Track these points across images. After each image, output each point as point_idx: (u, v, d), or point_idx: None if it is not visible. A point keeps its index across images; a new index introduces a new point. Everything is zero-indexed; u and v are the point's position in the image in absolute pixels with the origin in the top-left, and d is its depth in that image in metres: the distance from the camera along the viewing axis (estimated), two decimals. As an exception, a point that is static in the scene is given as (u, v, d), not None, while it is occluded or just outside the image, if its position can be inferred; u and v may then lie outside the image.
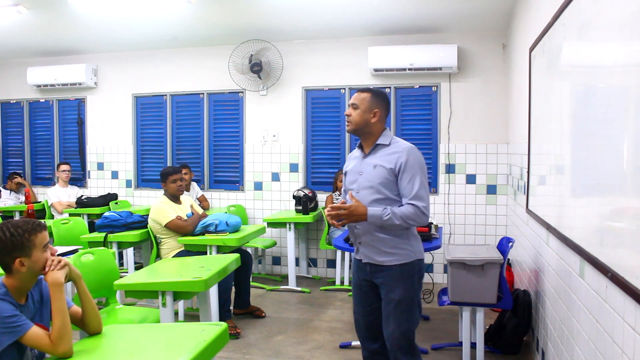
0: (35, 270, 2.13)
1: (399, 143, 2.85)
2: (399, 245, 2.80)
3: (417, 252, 2.84)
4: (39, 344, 2.03)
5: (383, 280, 2.83)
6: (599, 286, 2.15)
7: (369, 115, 2.85)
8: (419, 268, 2.86)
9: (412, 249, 2.82)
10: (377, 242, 2.82)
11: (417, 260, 2.84)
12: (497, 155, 5.93)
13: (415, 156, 2.78)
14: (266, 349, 4.22)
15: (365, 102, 2.87)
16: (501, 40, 5.90)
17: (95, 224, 5.12)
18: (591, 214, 2.33)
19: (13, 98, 7.72)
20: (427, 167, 2.91)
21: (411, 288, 2.81)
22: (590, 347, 2.25)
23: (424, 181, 2.75)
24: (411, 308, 2.81)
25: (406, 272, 2.80)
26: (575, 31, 2.60)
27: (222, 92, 6.88)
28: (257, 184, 6.76)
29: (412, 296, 2.81)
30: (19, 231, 2.09)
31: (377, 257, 2.83)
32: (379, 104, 2.88)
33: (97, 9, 5.32)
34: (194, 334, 2.28)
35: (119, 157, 7.31)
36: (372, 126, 2.86)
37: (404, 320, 2.79)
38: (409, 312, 2.80)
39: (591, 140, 2.36)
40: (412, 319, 2.82)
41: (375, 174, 2.81)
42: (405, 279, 2.80)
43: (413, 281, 2.82)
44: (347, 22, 5.80)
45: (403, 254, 2.80)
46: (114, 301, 3.70)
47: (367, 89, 2.93)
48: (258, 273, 6.58)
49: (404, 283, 2.79)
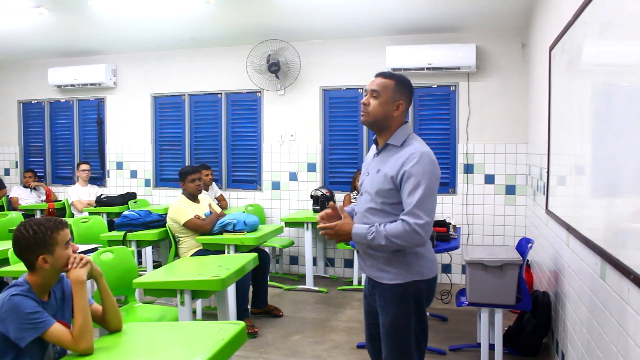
0: (58, 267, 2.15)
1: (411, 146, 2.38)
2: (392, 263, 2.40)
3: (414, 272, 2.39)
4: (61, 341, 2.06)
5: (378, 299, 2.49)
6: (621, 288, 2.12)
7: (391, 108, 2.42)
8: (417, 291, 2.40)
9: (407, 267, 2.39)
10: (371, 255, 2.47)
11: (414, 281, 2.39)
12: (516, 155, 5.88)
13: (423, 163, 2.30)
14: (283, 348, 4.22)
15: (389, 90, 2.41)
16: (520, 39, 5.85)
17: (115, 223, 5.17)
18: (612, 214, 2.30)
19: (34, 98, 7.83)
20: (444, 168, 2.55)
21: (404, 314, 2.40)
22: (612, 350, 2.22)
23: (427, 194, 2.27)
24: (405, 337, 2.41)
25: (398, 294, 2.40)
26: (597, 29, 2.57)
27: (240, 92, 6.90)
28: (274, 183, 6.78)
29: (405, 324, 2.40)
30: (42, 229, 2.12)
31: (372, 271, 2.49)
32: (404, 94, 2.44)
33: (117, 10, 5.38)
34: (213, 332, 2.28)
35: (137, 157, 7.37)
36: (393, 120, 2.44)
37: (395, 348, 2.42)
38: (402, 340, 2.41)
39: (612, 140, 2.32)
40: (407, 350, 2.42)
41: (376, 179, 2.43)
42: (397, 302, 2.40)
43: (407, 306, 2.39)
44: (365, 21, 5.79)
45: (395, 273, 2.40)
46: (133, 299, 3.73)
47: (390, 74, 2.46)
48: (275, 272, 6.59)
49: (395, 307, 2.41)
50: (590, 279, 2.65)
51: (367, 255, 2.49)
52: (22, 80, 7.85)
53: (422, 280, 2.41)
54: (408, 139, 2.44)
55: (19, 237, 2.13)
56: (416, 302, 2.41)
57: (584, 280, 2.80)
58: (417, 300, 2.42)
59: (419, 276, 2.40)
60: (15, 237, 2.15)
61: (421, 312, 2.45)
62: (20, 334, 1.98)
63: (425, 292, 2.45)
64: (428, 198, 2.28)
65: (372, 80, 2.46)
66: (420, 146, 2.38)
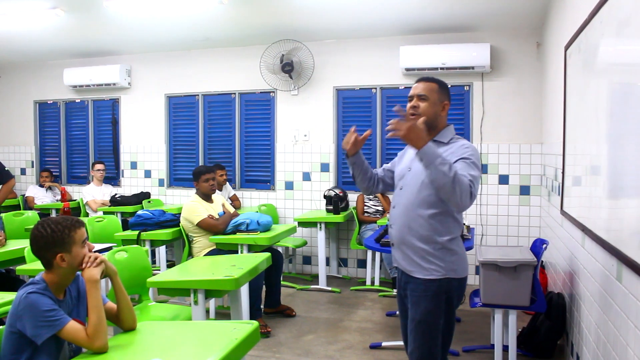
0: (75, 265, 2.17)
1: (461, 141, 2.55)
2: (429, 257, 2.49)
3: (449, 269, 2.49)
4: (76, 339, 2.07)
5: (409, 294, 2.57)
6: (638, 290, 2.09)
7: (439, 108, 2.58)
8: (449, 288, 2.50)
9: (443, 264, 2.48)
10: (407, 247, 2.55)
11: (447, 279, 2.48)
12: (530, 155, 5.84)
13: (474, 155, 2.46)
14: (296, 348, 4.23)
15: (435, 92, 2.57)
16: (535, 38, 5.81)
17: (129, 222, 5.20)
18: (629, 215, 2.27)
19: (50, 98, 7.90)
20: None
21: (435, 309, 2.49)
22: (629, 352, 2.20)
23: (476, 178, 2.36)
24: (433, 332, 2.49)
25: (432, 289, 2.48)
26: (614, 28, 2.54)
27: (254, 92, 6.92)
28: (288, 183, 6.78)
29: (435, 319, 2.49)
30: (60, 227, 2.15)
31: (406, 264, 2.57)
32: (446, 96, 2.62)
33: (131, 11, 5.41)
34: (226, 332, 2.29)
35: (151, 157, 7.42)
36: (441, 120, 2.60)
37: (423, 343, 2.49)
38: (429, 335, 2.49)
39: (629, 140, 2.30)
40: (433, 345, 2.50)
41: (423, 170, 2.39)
42: (429, 297, 2.48)
43: (439, 302, 2.49)
44: (379, 21, 5.78)
45: (430, 269, 2.49)
46: (147, 298, 3.75)
47: (431, 78, 2.63)
48: (289, 272, 6.60)
49: (427, 302, 2.49)
50: (606, 281, 2.63)
51: (400, 249, 2.59)
52: (38, 80, 7.93)
53: (455, 278, 2.51)
54: (454, 137, 2.61)
55: (37, 235, 2.16)
56: (447, 300, 2.51)
57: (600, 281, 2.77)
58: (449, 298, 2.51)
59: (452, 274, 2.50)
60: (33, 236, 2.17)
61: (451, 310, 2.54)
62: (36, 332, 2.00)
63: (457, 290, 2.54)
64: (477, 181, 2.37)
65: (416, 86, 2.61)
66: (468, 142, 2.57)
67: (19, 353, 2.04)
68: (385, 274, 6.08)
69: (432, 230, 2.50)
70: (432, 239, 2.50)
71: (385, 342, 4.22)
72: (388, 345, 4.20)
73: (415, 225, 2.52)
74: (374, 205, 6.17)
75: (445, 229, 2.51)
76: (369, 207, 6.18)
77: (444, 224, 2.51)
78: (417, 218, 2.52)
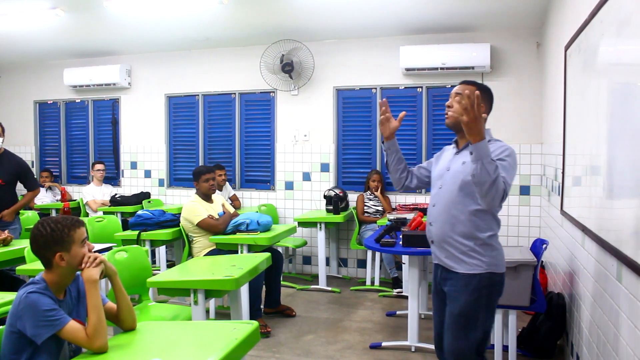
0: (74, 265, 2.17)
1: (498, 143, 2.59)
2: (470, 252, 2.57)
3: (490, 264, 2.56)
4: (76, 338, 2.07)
5: (448, 289, 2.64)
6: (637, 290, 2.09)
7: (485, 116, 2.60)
8: (490, 283, 2.56)
9: (484, 259, 2.56)
10: (449, 244, 2.63)
11: (489, 273, 2.55)
12: (530, 155, 5.84)
13: (510, 155, 2.52)
14: (296, 348, 4.23)
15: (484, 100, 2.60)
16: (535, 38, 5.81)
17: (129, 222, 5.20)
18: (629, 216, 2.27)
19: (50, 98, 7.90)
20: None
21: (475, 303, 2.55)
22: (629, 352, 2.20)
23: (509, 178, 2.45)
24: (472, 325, 2.56)
25: (472, 284, 2.55)
26: (614, 28, 2.54)
27: (254, 92, 6.92)
28: (288, 183, 6.78)
29: (474, 313, 2.56)
30: (59, 226, 2.15)
31: (446, 260, 2.65)
32: (485, 100, 2.63)
33: (131, 11, 5.42)
34: (226, 332, 2.29)
35: (151, 157, 7.42)
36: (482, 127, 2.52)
37: (461, 336, 2.57)
38: (468, 329, 2.56)
39: (629, 140, 2.30)
40: (471, 338, 2.56)
41: (463, 169, 2.57)
42: (470, 291, 2.55)
43: (479, 296, 2.55)
44: (379, 21, 5.78)
45: (472, 263, 2.56)
46: (147, 298, 3.75)
47: (473, 82, 2.70)
48: (288, 272, 6.60)
49: (467, 296, 2.55)
50: (606, 281, 2.63)
51: (441, 245, 2.67)
52: (38, 80, 7.93)
53: (495, 273, 2.58)
54: (492, 140, 2.64)
55: (37, 234, 2.16)
56: (488, 294, 2.57)
57: (600, 281, 2.77)
58: (489, 293, 2.57)
59: (493, 268, 2.57)
60: (33, 235, 2.17)
61: (491, 305, 2.60)
62: (36, 331, 2.00)
63: (498, 285, 2.61)
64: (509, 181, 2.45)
65: (457, 86, 2.70)
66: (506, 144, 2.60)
67: (19, 353, 2.04)
68: (385, 274, 6.08)
69: (474, 227, 2.59)
70: (474, 235, 2.58)
71: (385, 342, 4.22)
72: (388, 345, 4.20)
73: (457, 222, 2.61)
74: (374, 205, 6.17)
75: (486, 226, 2.60)
76: (369, 207, 6.18)
77: (485, 220, 2.60)
78: (458, 215, 2.61)
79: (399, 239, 4.07)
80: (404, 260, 5.42)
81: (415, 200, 6.26)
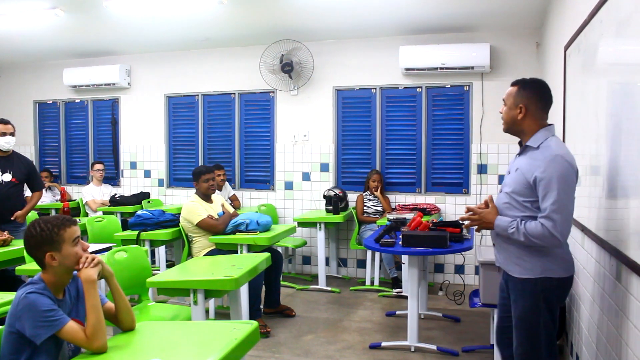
0: (67, 264, 2.17)
1: (547, 149, 2.49)
2: (524, 257, 2.54)
3: (545, 268, 2.50)
4: (75, 339, 2.07)
5: (510, 292, 2.65)
6: (637, 290, 2.09)
7: (514, 112, 2.61)
8: (546, 287, 2.50)
9: (539, 264, 2.51)
10: (505, 249, 2.64)
11: (544, 278, 2.50)
12: (530, 155, 5.83)
13: (554, 168, 2.42)
14: (296, 348, 4.23)
15: (511, 97, 2.64)
16: (535, 38, 5.81)
17: (128, 222, 5.20)
18: (629, 216, 2.27)
19: (50, 98, 7.90)
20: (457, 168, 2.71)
21: (533, 308, 2.52)
22: (628, 352, 2.20)
23: (561, 198, 2.39)
24: (534, 330, 2.53)
25: (528, 288, 2.53)
26: (614, 28, 2.54)
27: (253, 92, 6.92)
28: (287, 183, 6.78)
29: (535, 318, 2.52)
30: (49, 226, 2.15)
31: (506, 264, 2.65)
32: (527, 97, 2.59)
33: (131, 11, 5.41)
34: (225, 332, 2.29)
35: (151, 157, 7.42)
36: (522, 124, 2.61)
37: (524, 340, 2.56)
38: (530, 333, 2.53)
39: (629, 140, 2.30)
40: (536, 344, 2.53)
41: (514, 177, 2.59)
42: (526, 296, 2.54)
43: (536, 301, 2.51)
44: (378, 21, 5.78)
45: (526, 267, 2.54)
46: (147, 298, 3.75)
47: (516, 81, 2.69)
48: (288, 272, 6.60)
49: (524, 301, 2.55)
50: (605, 281, 2.63)
51: (502, 248, 2.66)
52: (37, 80, 7.93)
53: (552, 277, 2.51)
54: (547, 140, 2.55)
55: (28, 235, 2.17)
56: (545, 299, 2.51)
57: (599, 281, 2.77)
58: (546, 297, 2.52)
59: (549, 273, 2.50)
60: (25, 235, 2.19)
61: (551, 308, 2.53)
62: (35, 332, 2.00)
63: (556, 290, 2.54)
64: (562, 201, 2.41)
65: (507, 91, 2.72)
66: (555, 149, 2.49)
67: (18, 353, 2.04)
68: (385, 274, 6.07)
69: None
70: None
71: (385, 342, 4.22)
72: (387, 345, 4.20)
73: None
74: (374, 205, 6.17)
75: None
76: (368, 207, 6.18)
77: None
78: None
79: (399, 239, 4.07)
80: (404, 260, 5.42)
81: (415, 200, 6.26)
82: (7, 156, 4.90)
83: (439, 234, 3.94)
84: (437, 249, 3.88)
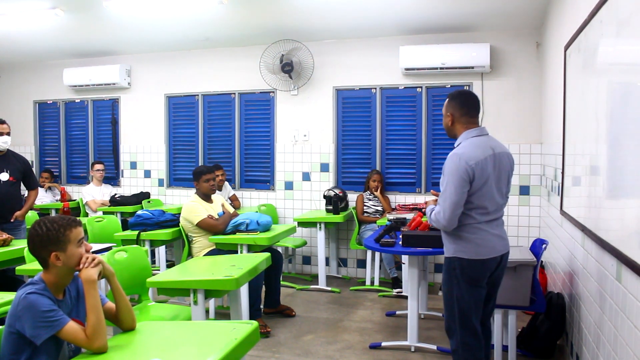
0: (71, 265, 2.17)
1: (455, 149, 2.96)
2: (445, 240, 3.03)
3: (457, 249, 2.95)
4: (75, 339, 2.07)
5: None
6: (637, 290, 2.09)
7: (446, 120, 3.09)
8: (457, 266, 2.94)
9: (452, 245, 2.98)
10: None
11: (455, 257, 2.95)
12: (530, 155, 5.84)
13: (447, 165, 2.90)
14: (296, 348, 4.23)
15: (444, 108, 3.11)
16: (535, 38, 5.81)
17: (129, 222, 5.20)
18: (629, 216, 2.27)
19: (50, 98, 7.90)
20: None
21: (447, 281, 3.00)
22: (628, 352, 2.20)
23: (448, 189, 2.86)
24: (449, 301, 2.99)
25: (445, 265, 3.03)
26: (614, 28, 2.54)
27: (253, 92, 6.92)
28: (287, 183, 6.78)
29: (449, 290, 2.99)
30: (55, 226, 2.15)
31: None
32: (452, 107, 3.05)
33: (131, 11, 5.41)
34: (225, 332, 2.29)
35: (151, 157, 7.42)
36: (453, 129, 3.09)
37: (445, 309, 3.05)
38: (446, 303, 3.02)
39: (629, 140, 2.30)
40: (450, 313, 2.98)
41: None
42: (444, 271, 3.04)
43: (450, 277, 2.98)
44: (378, 21, 5.78)
45: (447, 248, 3.01)
46: (147, 298, 3.75)
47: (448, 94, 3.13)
48: (288, 272, 6.60)
49: (443, 274, 3.05)
50: (605, 281, 2.63)
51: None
52: (37, 80, 7.93)
53: (462, 258, 2.93)
54: (463, 142, 2.99)
55: (33, 234, 2.16)
56: (457, 275, 2.94)
57: (600, 281, 2.77)
58: (458, 274, 2.94)
59: (460, 254, 2.94)
60: (30, 235, 2.18)
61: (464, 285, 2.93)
62: (35, 332, 2.00)
63: (467, 268, 2.92)
64: (448, 192, 2.87)
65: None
66: (458, 148, 2.96)
67: (18, 353, 2.04)
68: (385, 274, 6.08)
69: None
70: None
71: (385, 342, 4.22)
72: (388, 345, 4.20)
73: None
74: (374, 205, 6.17)
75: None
76: (368, 207, 6.18)
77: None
78: None
79: (399, 239, 4.07)
80: (404, 260, 5.42)
81: (415, 200, 6.26)
82: (3, 155, 4.91)
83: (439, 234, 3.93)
84: (437, 249, 3.87)
